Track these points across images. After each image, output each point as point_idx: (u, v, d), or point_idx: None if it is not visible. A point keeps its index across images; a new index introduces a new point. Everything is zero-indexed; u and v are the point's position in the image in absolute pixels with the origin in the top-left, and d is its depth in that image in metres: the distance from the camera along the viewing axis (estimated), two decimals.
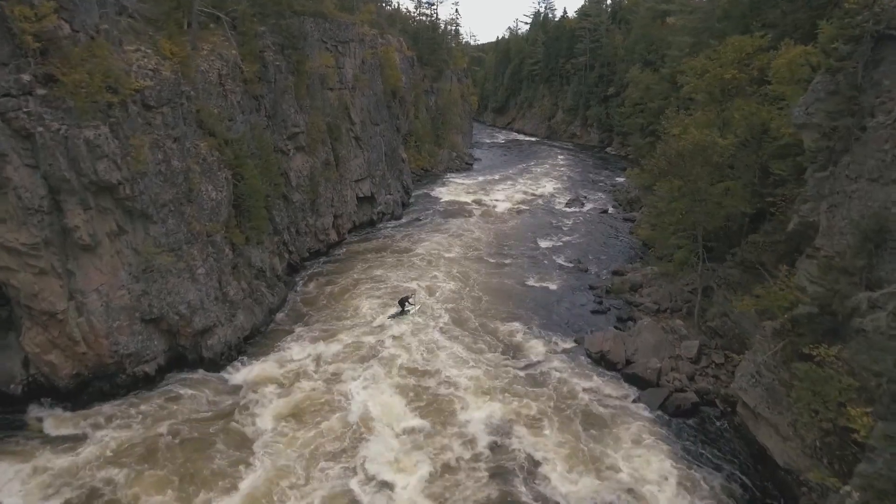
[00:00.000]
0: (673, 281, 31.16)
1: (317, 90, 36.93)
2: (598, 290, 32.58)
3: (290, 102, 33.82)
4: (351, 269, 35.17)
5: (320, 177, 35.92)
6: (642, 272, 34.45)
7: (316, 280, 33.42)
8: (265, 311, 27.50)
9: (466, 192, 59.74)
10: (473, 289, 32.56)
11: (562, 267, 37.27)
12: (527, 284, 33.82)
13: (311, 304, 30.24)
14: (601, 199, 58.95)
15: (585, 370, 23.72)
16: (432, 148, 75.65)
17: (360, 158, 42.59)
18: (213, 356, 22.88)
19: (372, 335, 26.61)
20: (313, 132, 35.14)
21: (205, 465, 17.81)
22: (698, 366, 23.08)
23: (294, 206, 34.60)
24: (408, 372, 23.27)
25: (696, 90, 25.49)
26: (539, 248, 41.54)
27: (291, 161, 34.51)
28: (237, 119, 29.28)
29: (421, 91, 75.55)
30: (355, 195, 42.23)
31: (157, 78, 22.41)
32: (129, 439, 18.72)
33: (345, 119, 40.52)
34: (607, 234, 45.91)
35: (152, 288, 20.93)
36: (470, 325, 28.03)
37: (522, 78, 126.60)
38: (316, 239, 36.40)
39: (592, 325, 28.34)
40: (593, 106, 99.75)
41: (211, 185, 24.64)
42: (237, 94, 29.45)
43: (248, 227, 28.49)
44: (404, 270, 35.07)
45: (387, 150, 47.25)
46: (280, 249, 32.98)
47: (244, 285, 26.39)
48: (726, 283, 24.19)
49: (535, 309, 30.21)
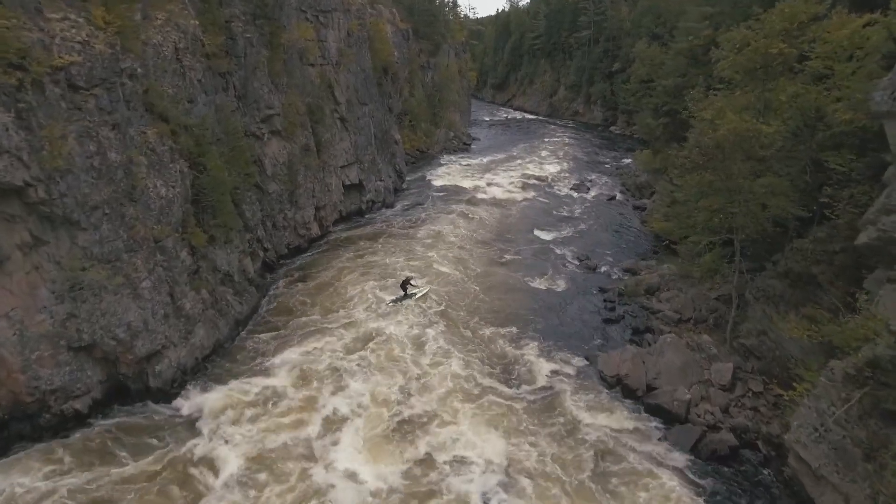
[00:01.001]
0: (695, 284, 27.65)
1: (295, 66, 32.87)
2: (610, 294, 29.05)
3: (263, 80, 29.83)
4: (334, 266, 31.57)
5: (299, 164, 32.10)
6: (658, 271, 30.90)
7: (294, 281, 29.84)
8: (231, 323, 23.99)
9: (464, 176, 55.87)
10: (470, 292, 29.02)
11: (568, 264, 33.70)
12: (530, 286, 30.27)
13: (287, 311, 26.71)
14: (607, 183, 55.18)
15: (600, 398, 20.31)
16: (429, 127, 71.49)
17: (347, 142, 38.69)
18: (162, 384, 19.44)
19: (354, 345, 23.19)
20: (290, 114, 31.22)
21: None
22: (733, 395, 19.67)
23: (270, 198, 30.88)
24: (396, 405, 19.82)
25: (734, 67, 21.58)
26: (542, 240, 37.91)
27: (266, 147, 30.68)
28: (198, 100, 25.41)
29: (416, 67, 71.10)
30: (341, 183, 38.43)
31: (88, 52, 18.53)
32: (50, 496, 15.36)
33: (328, 99, 36.52)
34: (616, 223, 42.25)
35: (81, 309, 17.34)
36: (466, 337, 24.56)
37: (523, 53, 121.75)
38: (295, 233, 32.74)
39: (605, 337, 24.90)
40: (597, 82, 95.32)
41: (160, 179, 20.90)
42: (198, 71, 25.50)
43: (213, 226, 24.82)
44: (393, 268, 31.49)
45: (377, 132, 43.30)
46: (254, 247, 29.36)
47: (205, 295, 22.83)
48: (765, 295, 20.66)
49: (540, 316, 26.72)
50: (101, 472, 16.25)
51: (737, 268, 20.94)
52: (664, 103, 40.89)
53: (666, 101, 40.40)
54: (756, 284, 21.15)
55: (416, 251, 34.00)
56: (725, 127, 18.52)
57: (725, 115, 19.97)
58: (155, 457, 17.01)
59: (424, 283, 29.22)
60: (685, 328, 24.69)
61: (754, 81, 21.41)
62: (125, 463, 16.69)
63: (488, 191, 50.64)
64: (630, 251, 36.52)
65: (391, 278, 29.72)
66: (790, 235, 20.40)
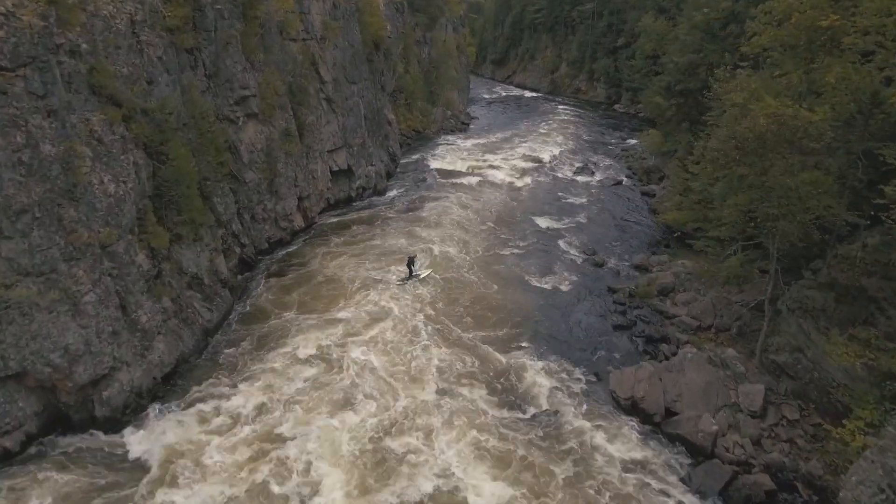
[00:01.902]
0: (714, 285, 25.09)
1: (274, 41, 29.75)
2: (620, 294, 26.47)
3: (236, 57, 26.78)
4: (318, 262, 28.91)
5: (279, 150, 29.19)
6: (672, 269, 28.32)
7: (273, 279, 27.20)
8: (199, 333, 21.43)
9: (462, 159, 52.83)
10: (467, 292, 26.42)
11: (573, 259, 31.07)
12: (533, 285, 27.68)
13: (264, 315, 24.14)
14: (613, 166, 52.32)
15: (613, 425, 17.86)
16: (425, 106, 68.14)
17: (334, 124, 35.69)
18: (111, 412, 16.92)
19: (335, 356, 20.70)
20: (268, 95, 28.21)
21: None
22: (764, 423, 17.23)
23: (247, 188, 28.06)
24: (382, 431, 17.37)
25: (774, 42, 18.58)
26: (545, 231, 35.24)
27: (241, 131, 27.76)
28: (159, 81, 22.46)
29: (412, 42, 67.46)
30: (328, 169, 35.53)
31: (12, 26, 15.64)
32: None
33: (312, 77, 33.43)
34: (623, 211, 39.52)
35: (7, 333, 14.73)
36: (463, 345, 22.05)
37: (524, 27, 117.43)
38: (276, 226, 29.99)
39: (616, 348, 22.40)
40: (600, 58, 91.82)
41: (109, 174, 18.12)
42: (158, 47, 22.50)
43: (178, 223, 22.16)
44: (381, 263, 28.87)
45: (367, 113, 40.23)
46: (228, 244, 26.67)
47: (167, 303, 20.22)
48: (802, 307, 18.08)
49: (544, 321, 24.20)
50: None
51: (772, 277, 18.29)
52: (676, 81, 37.78)
53: (679, 80, 37.31)
54: (792, 294, 18.54)
55: (408, 245, 31.31)
56: (764, 114, 15.67)
57: (763, 100, 17.13)
58: (96, 499, 14.59)
59: (427, 265, 28.30)
60: (705, 337, 22.19)
61: (794, 60, 18.49)
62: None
63: (487, 175, 47.73)
64: (639, 243, 33.87)
65: (378, 282, 27.15)
66: (833, 240, 17.74)
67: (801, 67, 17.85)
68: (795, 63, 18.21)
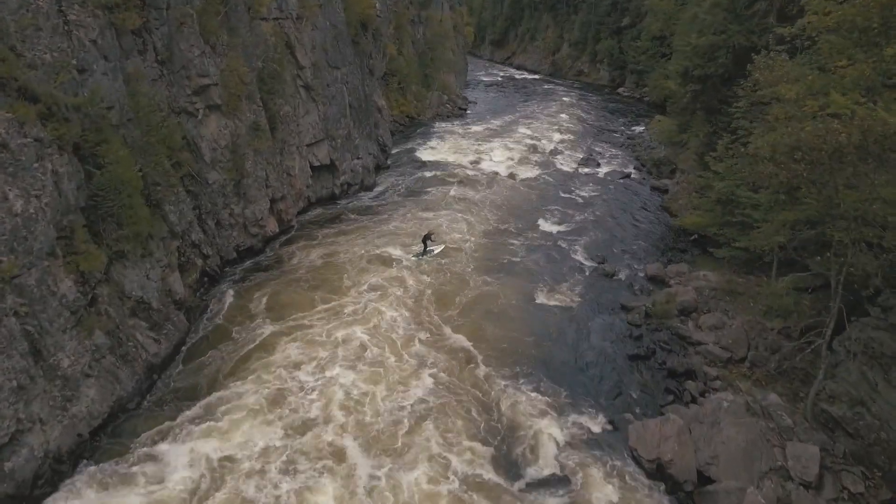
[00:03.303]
0: (744, 304, 21.88)
1: (240, 21, 26.02)
2: (635, 314, 23.20)
3: (192, 40, 23.12)
4: (291, 273, 25.54)
5: (246, 147, 25.63)
6: (692, 282, 25.03)
7: (240, 294, 23.88)
8: (142, 371, 18.14)
9: (458, 149, 49.16)
10: (459, 311, 23.12)
11: (580, 268, 27.76)
12: (536, 301, 24.38)
13: (227, 339, 20.85)
14: (619, 156, 48.78)
15: (635, 496, 14.70)
16: (420, 90, 64.21)
17: (314, 115, 32.05)
18: (15, 489, 13.66)
19: (301, 403, 17.49)
20: (232, 83, 24.57)
21: None
22: (821, 495, 14.08)
23: (210, 191, 24.61)
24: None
25: (839, 23, 15.00)
26: (548, 234, 31.87)
27: (202, 126, 24.20)
28: (94, 69, 18.87)
29: (405, 21, 63.30)
30: (308, 164, 32.00)
31: None
32: None
33: (288, 62, 29.72)
34: (633, 210, 36.10)
35: None
36: (450, 384, 18.82)
37: (524, 6, 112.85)
38: (246, 233, 26.54)
39: (634, 385, 19.17)
40: (604, 39, 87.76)
41: (15, 188, 14.67)
42: (91, 28, 18.89)
43: (119, 238, 18.78)
44: (365, 273, 25.55)
45: (353, 101, 36.54)
46: (188, 255, 23.30)
47: (101, 338, 16.91)
48: (867, 351, 14.84)
49: (547, 348, 20.98)
50: None
51: (833, 316, 14.99)
52: (695, 66, 34.05)
53: (697, 64, 33.57)
54: (853, 335, 15.27)
55: (395, 250, 27.94)
56: (847, 121, 12.18)
57: (825, 96, 13.65)
58: None
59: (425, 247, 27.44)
60: (738, 373, 18.96)
61: (862, 46, 14.94)
62: None
63: (485, 167, 44.17)
64: (653, 248, 30.51)
65: (360, 297, 23.84)
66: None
67: (872, 55, 14.35)
68: (864, 50, 14.69)
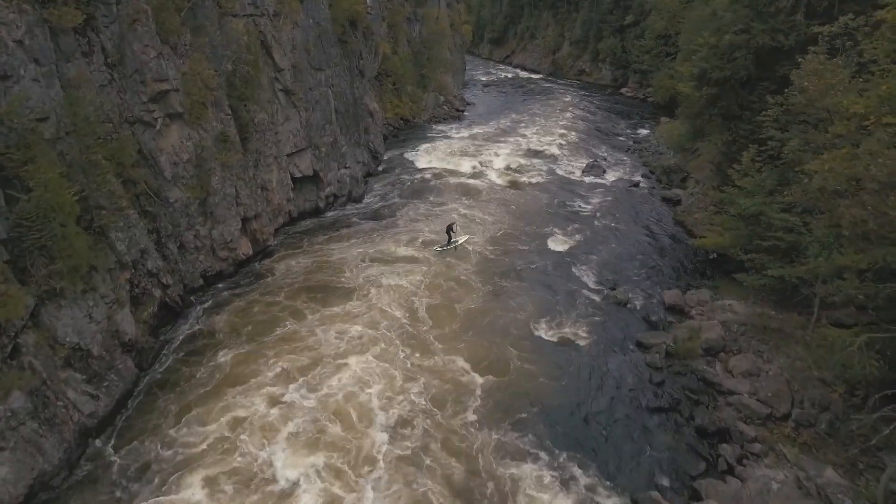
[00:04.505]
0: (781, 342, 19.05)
1: (206, 18, 23.06)
2: (654, 353, 20.32)
3: (147, 39, 20.16)
4: (266, 300, 22.66)
5: (213, 161, 22.67)
6: (717, 313, 22.17)
7: (201, 330, 20.97)
8: (73, 437, 15.22)
9: (455, 154, 46.13)
10: (452, 356, 20.21)
11: (589, 294, 24.86)
12: (538, 337, 21.52)
13: (184, 386, 17.98)
14: (626, 163, 45.85)
15: None
16: (415, 91, 61.30)
17: (295, 122, 29.09)
18: None
19: (265, 477, 14.63)
20: (195, 89, 21.60)
21: None
22: None
23: (172, 211, 21.68)
24: None
25: None
26: (553, 252, 28.97)
27: (162, 137, 21.25)
28: (21, 74, 15.97)
29: (400, 19, 60.40)
30: (288, 176, 29.04)
31: None
32: None
33: (265, 64, 26.75)
34: (644, 223, 33.21)
35: None
36: (432, 448, 15.96)
37: (524, 3, 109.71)
38: (214, 256, 23.61)
39: (656, 446, 16.27)
40: (606, 38, 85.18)
41: None
42: (16, 26, 15.98)
43: (50, 274, 15.88)
44: (350, 302, 22.68)
45: (340, 105, 33.58)
46: (143, 286, 20.37)
47: (20, 400, 13.95)
48: None
49: (551, 397, 18.11)
50: None
51: None
52: (713, 68, 31.12)
53: (716, 66, 30.66)
54: None
55: (384, 275, 25.04)
56: None
57: None
58: None
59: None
60: (781, 433, 16.10)
61: None
62: None
63: (484, 175, 41.27)
64: (668, 269, 27.62)
65: (344, 331, 20.93)
66: None
67: None
68: None
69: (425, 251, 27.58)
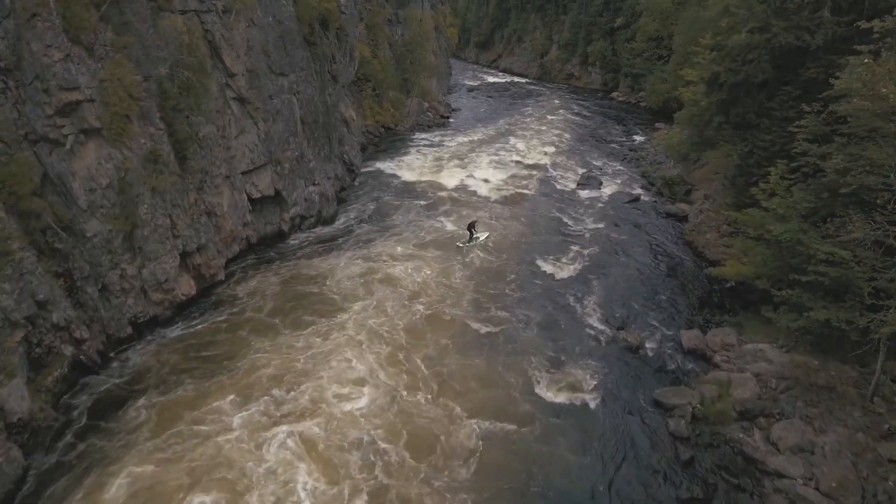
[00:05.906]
0: (837, 401, 15.55)
1: (135, 14, 19.18)
2: (678, 418, 16.64)
3: (51, 39, 16.25)
4: (203, 351, 18.77)
5: (142, 185, 18.73)
6: (748, 361, 18.66)
7: (122, 395, 16.99)
8: None
9: (438, 166, 42.57)
10: (428, 417, 16.45)
11: (593, 335, 21.22)
12: (536, 395, 17.78)
13: (94, 470, 14.03)
14: (623, 173, 42.46)
15: None
16: (398, 97, 57.81)
17: (251, 135, 25.23)
18: None
19: None
20: (116, 98, 17.65)
21: None
22: None
23: (90, 247, 17.71)
24: None
25: None
26: (549, 280, 25.35)
27: (74, 159, 17.30)
28: None
29: (381, 20, 56.91)
30: (245, 197, 25.16)
31: None
32: None
33: (214, 68, 22.90)
34: (649, 244, 29.67)
35: None
36: None
37: (511, 6, 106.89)
38: (146, 299, 19.62)
39: None
40: (596, 40, 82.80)
41: None
42: None
43: None
44: (307, 342, 18.85)
45: (307, 115, 29.72)
46: (49, 345, 16.40)
47: None
48: None
49: (554, 488, 14.40)
50: None
51: None
52: (726, 71, 27.69)
53: (729, 69, 27.25)
54: None
55: (349, 318, 21.23)
56: None
57: None
58: None
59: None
60: None
61: None
62: None
63: (470, 189, 37.64)
64: (682, 301, 24.04)
65: (303, 392, 17.08)
66: None
67: None
68: None
69: (390, 280, 23.82)
